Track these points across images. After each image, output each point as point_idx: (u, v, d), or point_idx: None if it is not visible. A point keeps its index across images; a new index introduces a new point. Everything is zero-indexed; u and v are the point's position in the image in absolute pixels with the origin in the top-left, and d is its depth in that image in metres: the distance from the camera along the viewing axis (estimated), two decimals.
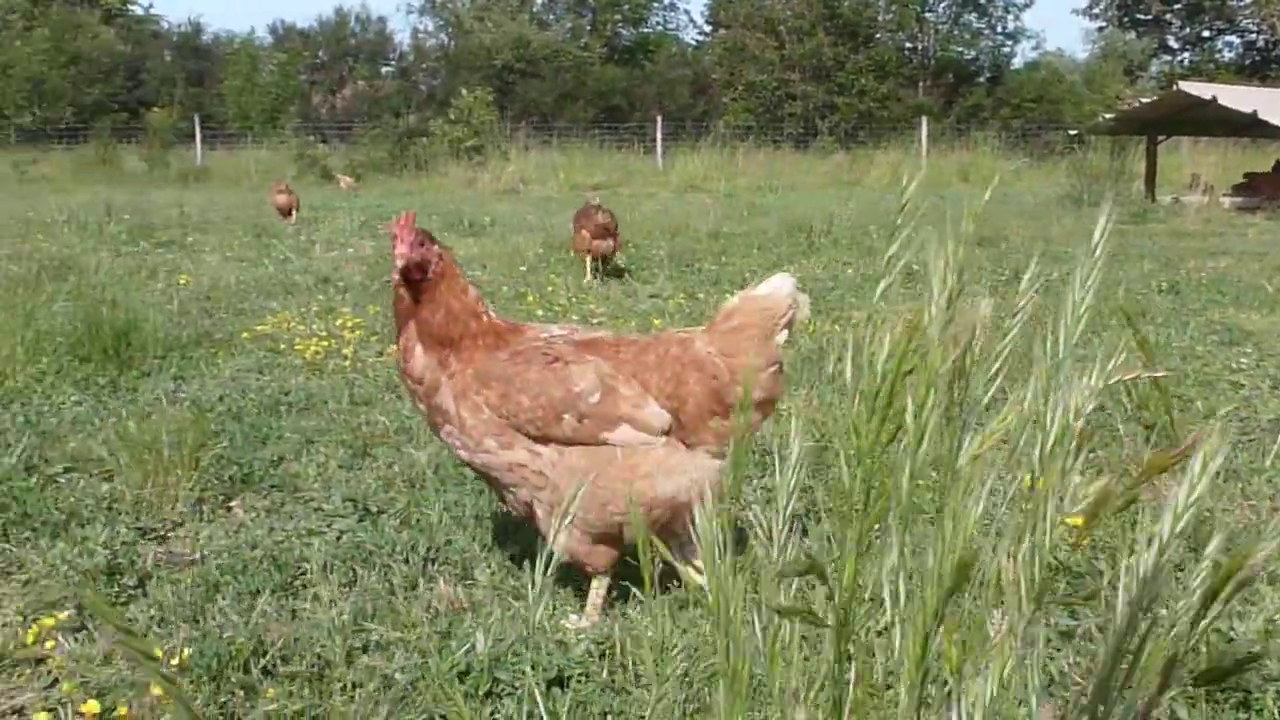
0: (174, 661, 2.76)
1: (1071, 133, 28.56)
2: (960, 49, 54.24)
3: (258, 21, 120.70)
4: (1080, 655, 2.90)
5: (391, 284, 3.27)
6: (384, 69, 66.02)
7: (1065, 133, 31.91)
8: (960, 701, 1.02)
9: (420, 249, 3.17)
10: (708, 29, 58.55)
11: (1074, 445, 1.11)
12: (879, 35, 51.21)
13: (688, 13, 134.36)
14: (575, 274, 10.45)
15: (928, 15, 53.59)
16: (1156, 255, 12.16)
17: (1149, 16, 57.39)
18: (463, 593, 3.41)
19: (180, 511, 4.11)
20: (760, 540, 1.21)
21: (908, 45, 53.36)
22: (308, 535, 3.82)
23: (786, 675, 1.14)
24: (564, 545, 3.23)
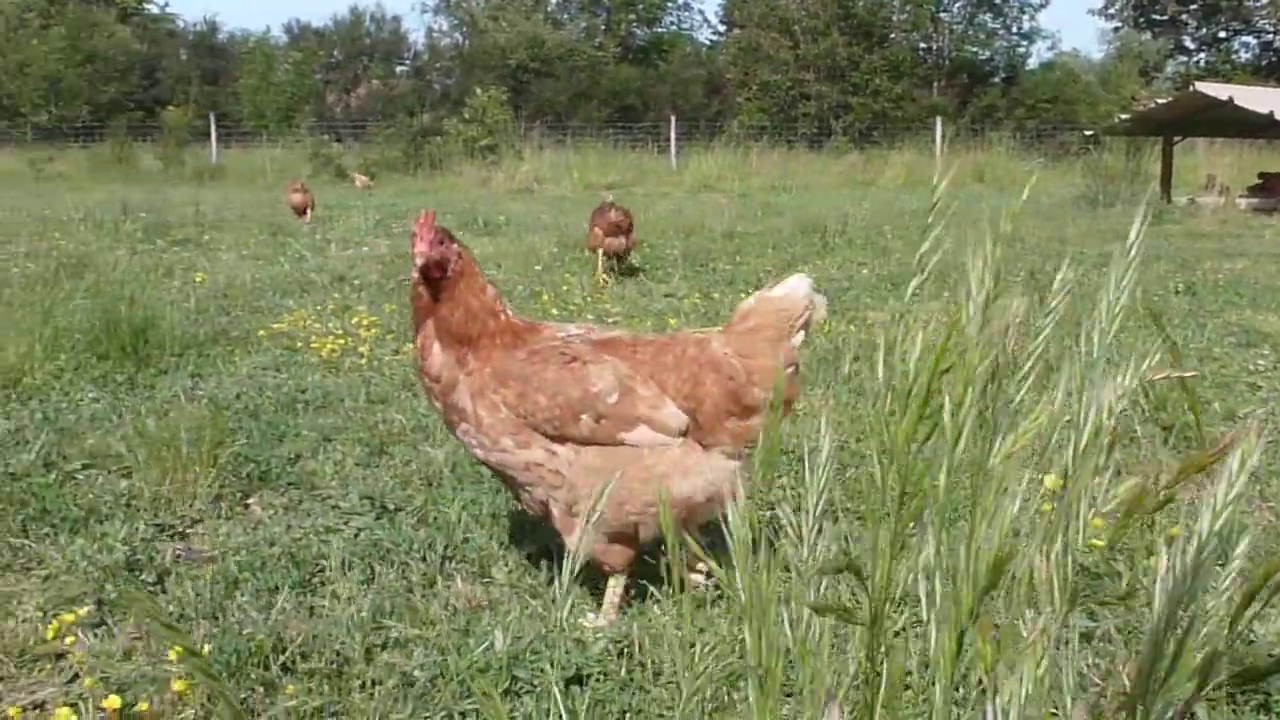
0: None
1: (1087, 133, 28.47)
2: (975, 49, 54.16)
3: (273, 20, 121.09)
4: (1100, 656, 2.89)
5: (409, 282, 3.28)
6: (399, 68, 66.23)
7: (1080, 133, 31.82)
8: (995, 700, 1.02)
9: (440, 247, 3.16)
10: (722, 29, 58.65)
11: (1107, 444, 1.12)
12: (893, 35, 51.17)
13: (702, 12, 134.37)
14: (590, 273, 10.45)
15: (942, 15, 53.53)
16: (1172, 256, 12.11)
17: (1165, 17, 57.26)
18: (480, 591, 3.41)
19: (199, 508, 4.12)
20: (790, 539, 1.22)
21: (922, 45, 53.30)
22: (325, 533, 3.83)
23: (819, 674, 1.14)
24: (580, 544, 3.23)
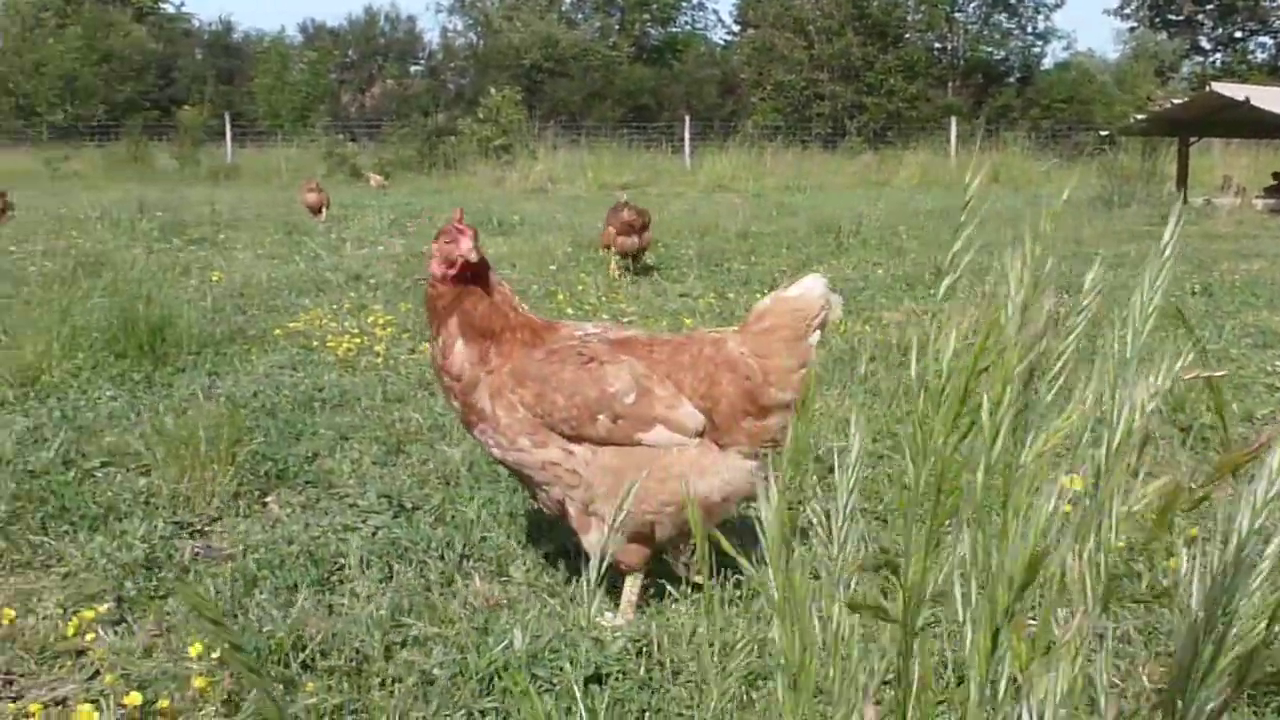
0: (214, 655, 2.77)
1: (1103, 133, 28.39)
2: (990, 49, 54.07)
3: (288, 20, 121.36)
4: (1119, 658, 2.88)
5: (428, 282, 3.28)
6: (413, 68, 66.37)
7: (1096, 133, 31.71)
8: (1029, 699, 1.02)
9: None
10: (736, 28, 58.66)
11: (1139, 443, 1.11)
12: (908, 35, 51.09)
13: (716, 12, 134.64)
14: (605, 272, 10.46)
15: (957, 15, 53.45)
16: (1189, 257, 12.06)
17: (1181, 17, 57.08)
18: (498, 589, 3.41)
19: (217, 506, 4.13)
20: (819, 538, 1.22)
21: (937, 45, 53.23)
22: (344, 531, 3.83)
23: (849, 673, 1.14)
24: (596, 543, 3.24)
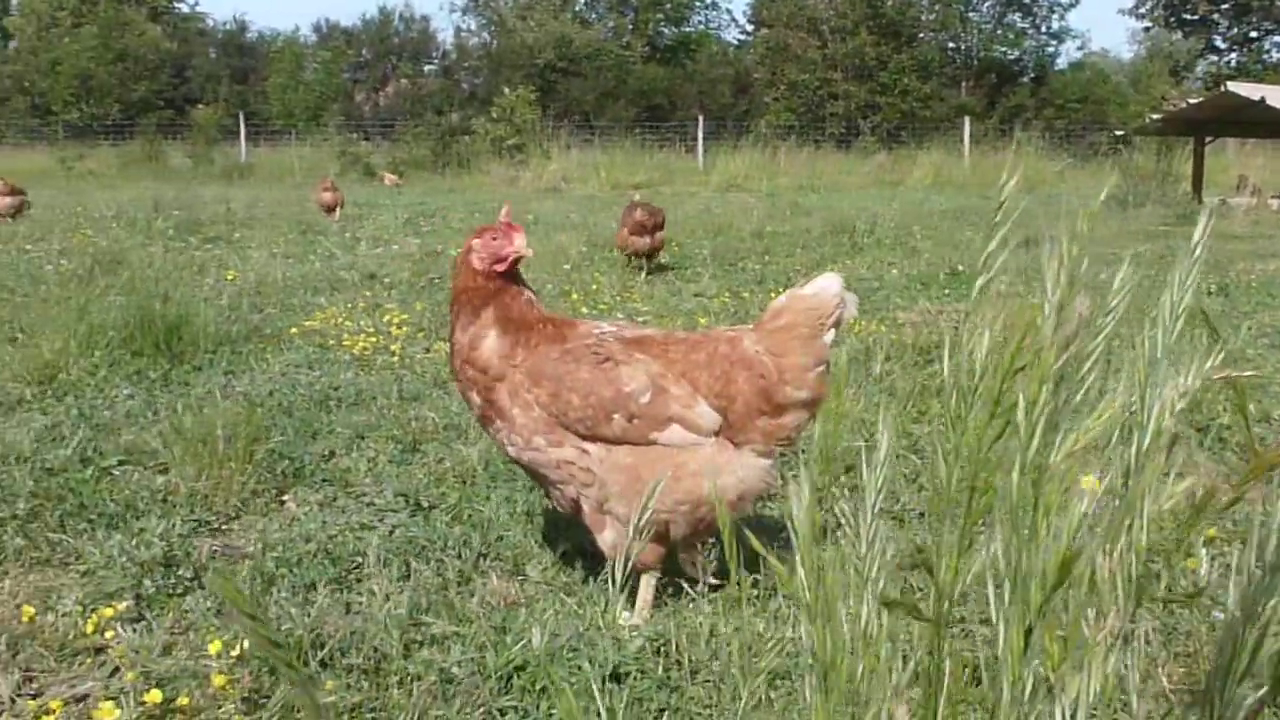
0: (233, 653, 2.78)
1: (1117, 133, 28.31)
2: (1004, 49, 53.95)
3: (302, 19, 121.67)
4: (1138, 659, 2.87)
5: (466, 274, 3.29)
6: (427, 67, 66.46)
7: (1110, 133, 31.63)
8: (1061, 699, 1.02)
9: None
10: (749, 28, 58.62)
11: (1168, 444, 1.11)
12: (922, 35, 51.00)
13: (729, 12, 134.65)
14: (619, 272, 10.47)
15: (971, 15, 53.35)
16: (1204, 258, 12.00)
17: (1196, 16, 56.86)
18: (516, 588, 3.42)
19: (235, 505, 4.15)
20: (848, 536, 1.22)
21: (951, 45, 53.14)
22: (361, 529, 3.84)
23: (880, 671, 1.14)
24: (610, 542, 3.24)
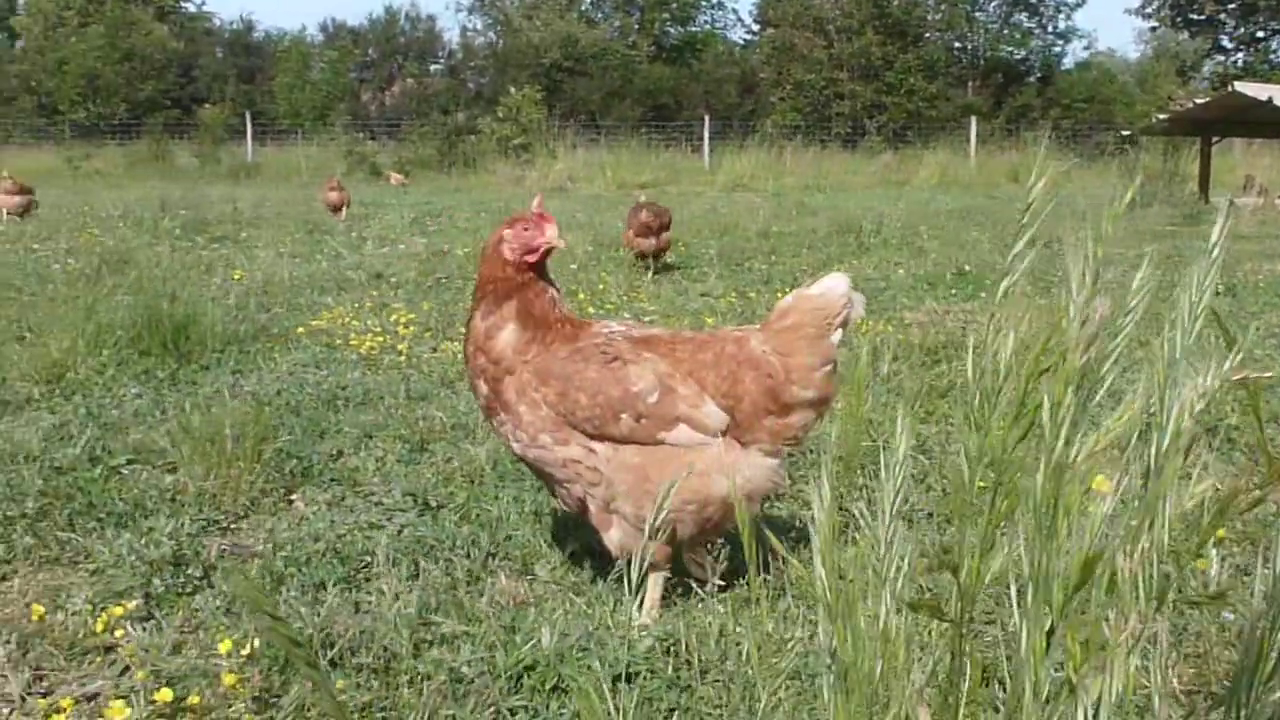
0: (243, 652, 2.78)
1: (1124, 133, 28.27)
2: (1010, 49, 53.93)
3: (309, 19, 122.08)
4: (1146, 659, 2.86)
5: (496, 263, 3.28)
6: (433, 67, 66.60)
7: (1117, 133, 31.58)
8: (1084, 699, 1.02)
9: None
10: (755, 28, 58.61)
11: (1188, 445, 1.11)
12: (928, 34, 51.03)
13: (735, 11, 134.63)
14: (626, 272, 10.47)
15: (977, 14, 53.32)
16: (1221, 259, 11.98)
17: (1203, 16, 56.78)
18: (524, 588, 3.42)
19: (243, 504, 4.15)
20: (866, 536, 1.22)
21: (957, 45, 53.14)
22: (369, 529, 3.84)
23: (900, 672, 1.14)
24: (617, 541, 3.23)
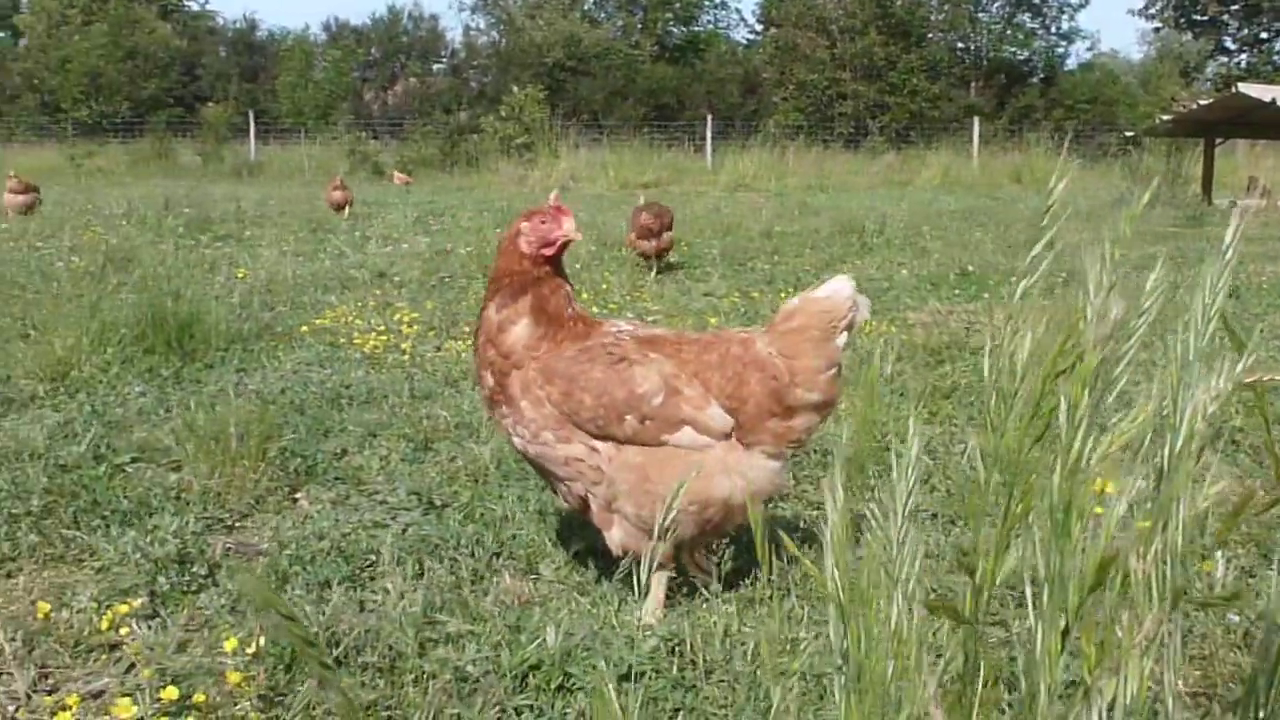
0: (249, 650, 2.78)
1: (1127, 134, 28.27)
2: (1013, 49, 53.93)
3: (312, 18, 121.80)
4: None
5: (513, 256, 3.29)
6: (436, 66, 66.59)
7: (1120, 134, 31.58)
8: (1098, 701, 1.02)
9: None
10: (758, 28, 58.64)
11: (1200, 447, 1.11)
12: (931, 35, 51.04)
13: (738, 11, 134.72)
14: (629, 271, 10.48)
15: (980, 15, 53.31)
16: (1214, 259, 11.97)
17: (1206, 17, 56.75)
18: (529, 587, 3.42)
19: (248, 502, 4.15)
20: (878, 537, 1.21)
21: (960, 45, 53.15)
22: (374, 527, 3.85)
23: (913, 672, 1.14)
24: (618, 540, 3.24)
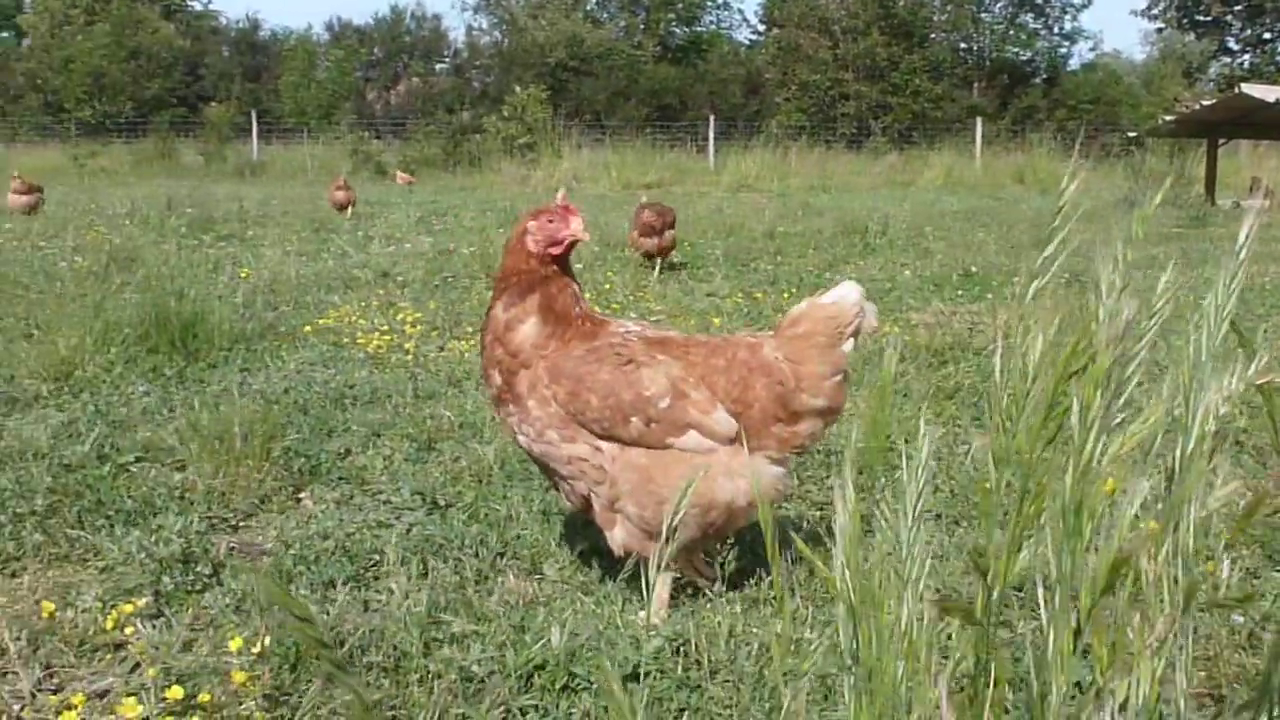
0: (254, 650, 2.79)
1: (1130, 135, 28.27)
2: (1016, 49, 53.91)
3: (315, 18, 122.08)
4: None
5: (520, 255, 3.31)
6: (438, 66, 66.60)
7: (1122, 135, 31.57)
8: (1110, 702, 1.02)
9: None
10: (761, 28, 58.61)
11: (1211, 448, 1.11)
12: (934, 35, 51.02)
13: (741, 12, 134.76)
14: (632, 271, 10.48)
15: (983, 16, 53.31)
16: (1218, 260, 11.95)
17: (1209, 18, 56.72)
18: (533, 587, 3.42)
19: (252, 502, 4.15)
20: (888, 538, 1.22)
21: (963, 46, 53.13)
22: (378, 527, 3.85)
23: (923, 674, 1.14)
24: (620, 540, 3.24)
